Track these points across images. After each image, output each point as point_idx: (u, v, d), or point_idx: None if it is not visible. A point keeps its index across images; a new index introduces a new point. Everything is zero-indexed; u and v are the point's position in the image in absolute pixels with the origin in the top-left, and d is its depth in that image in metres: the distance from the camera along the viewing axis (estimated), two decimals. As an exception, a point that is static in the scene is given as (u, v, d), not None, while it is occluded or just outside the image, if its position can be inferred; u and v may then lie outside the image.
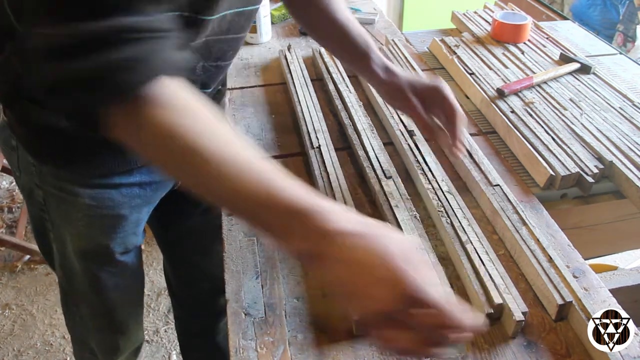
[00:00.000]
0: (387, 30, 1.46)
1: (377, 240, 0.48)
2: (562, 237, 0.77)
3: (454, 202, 0.80)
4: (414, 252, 0.49)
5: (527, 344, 0.63)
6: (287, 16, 1.53)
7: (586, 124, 0.99)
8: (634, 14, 2.54)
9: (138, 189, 0.81)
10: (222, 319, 1.22)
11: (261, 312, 0.67)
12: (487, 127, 1.04)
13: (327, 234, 0.47)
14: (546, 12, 1.76)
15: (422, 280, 0.47)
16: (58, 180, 0.77)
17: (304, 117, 1.00)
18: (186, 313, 1.24)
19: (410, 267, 0.47)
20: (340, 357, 0.62)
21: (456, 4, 1.72)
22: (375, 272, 0.47)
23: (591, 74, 1.18)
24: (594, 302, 0.66)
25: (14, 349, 1.71)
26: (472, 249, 0.72)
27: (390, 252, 0.47)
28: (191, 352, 1.30)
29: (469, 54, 1.26)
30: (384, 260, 0.47)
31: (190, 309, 1.22)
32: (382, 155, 0.90)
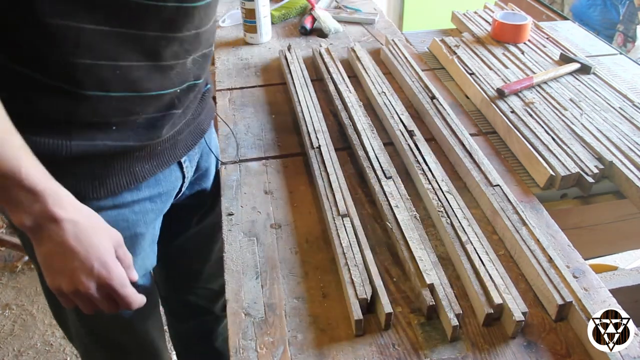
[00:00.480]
0: (387, 30, 1.46)
1: (86, 231, 0.61)
2: (562, 237, 0.77)
3: (454, 202, 0.80)
4: (112, 245, 0.64)
5: (527, 344, 0.63)
6: (288, 16, 1.53)
7: (586, 124, 0.99)
8: (634, 14, 2.54)
9: (149, 203, 0.79)
10: (221, 322, 1.21)
11: (261, 312, 0.67)
12: (487, 127, 1.04)
13: (55, 217, 0.58)
14: (546, 12, 1.76)
15: (109, 269, 0.62)
16: None
17: (304, 117, 1.00)
18: (183, 321, 1.22)
19: (104, 257, 0.62)
20: (340, 357, 0.62)
21: (456, 4, 1.72)
22: (76, 258, 0.60)
23: (591, 74, 1.18)
24: (594, 302, 0.66)
25: (14, 349, 1.71)
26: (472, 249, 0.72)
27: (91, 243, 0.61)
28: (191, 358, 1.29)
29: (469, 54, 1.26)
30: (86, 249, 0.61)
31: (188, 317, 1.19)
32: (382, 155, 0.90)
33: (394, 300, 0.68)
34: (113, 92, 0.65)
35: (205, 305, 1.16)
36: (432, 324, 0.66)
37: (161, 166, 0.78)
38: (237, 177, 0.91)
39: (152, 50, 0.65)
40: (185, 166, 0.85)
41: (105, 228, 0.65)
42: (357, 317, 0.63)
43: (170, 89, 0.71)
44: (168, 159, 0.79)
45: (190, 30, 0.67)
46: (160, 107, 0.71)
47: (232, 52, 1.34)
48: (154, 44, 0.65)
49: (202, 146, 0.91)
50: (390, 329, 0.65)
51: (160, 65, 0.67)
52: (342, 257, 0.71)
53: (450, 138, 0.94)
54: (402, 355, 0.62)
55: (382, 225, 0.80)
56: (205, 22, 0.71)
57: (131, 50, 0.63)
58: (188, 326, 1.20)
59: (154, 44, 0.65)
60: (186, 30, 0.67)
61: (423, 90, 1.09)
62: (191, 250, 1.04)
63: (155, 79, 0.68)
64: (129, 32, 0.62)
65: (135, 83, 0.66)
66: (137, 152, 0.73)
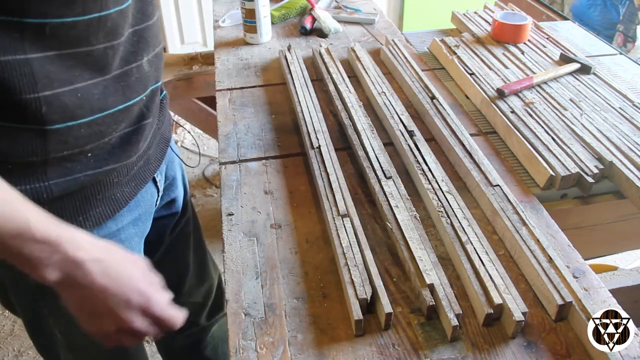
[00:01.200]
0: (387, 30, 1.46)
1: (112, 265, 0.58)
2: (562, 237, 0.77)
3: (454, 203, 0.80)
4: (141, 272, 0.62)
5: (527, 344, 0.63)
6: (288, 16, 1.53)
7: (586, 124, 0.99)
8: (634, 14, 2.54)
9: (132, 227, 0.78)
10: (209, 332, 1.19)
11: (261, 312, 0.67)
12: (487, 127, 1.04)
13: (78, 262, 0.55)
14: (546, 12, 1.76)
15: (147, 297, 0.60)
16: None
17: (304, 117, 1.00)
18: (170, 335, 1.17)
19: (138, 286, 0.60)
20: (340, 357, 0.62)
21: (456, 4, 1.73)
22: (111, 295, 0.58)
23: (591, 74, 1.18)
24: (594, 302, 0.66)
25: (14, 349, 1.71)
26: (472, 249, 0.72)
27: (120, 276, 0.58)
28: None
29: (469, 54, 1.26)
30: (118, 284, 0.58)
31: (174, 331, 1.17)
32: (382, 155, 0.90)
33: (394, 300, 0.68)
34: (80, 118, 0.62)
35: (190, 319, 1.14)
36: (432, 324, 0.66)
37: (139, 186, 0.77)
38: (237, 177, 0.91)
39: (102, 63, 0.63)
40: (159, 180, 0.85)
41: (128, 257, 0.62)
42: (357, 317, 0.63)
43: (135, 98, 0.69)
44: (144, 176, 0.78)
45: (127, 30, 0.65)
46: (131, 120, 0.70)
47: (232, 52, 1.34)
48: (103, 56, 0.63)
49: (167, 155, 0.90)
50: (390, 329, 0.65)
51: (116, 76, 0.65)
52: (342, 257, 0.71)
53: (450, 138, 0.94)
54: (402, 355, 0.62)
55: (382, 225, 0.80)
56: (143, 19, 0.68)
57: (84, 69, 0.61)
58: (176, 340, 1.18)
59: (103, 56, 0.63)
60: (125, 31, 0.65)
61: (423, 90, 1.09)
62: (168, 264, 1.01)
63: (117, 91, 0.66)
64: (78, 51, 0.59)
65: (99, 101, 0.64)
66: (115, 177, 0.71)
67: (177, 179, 0.97)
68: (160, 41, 0.75)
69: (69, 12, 0.56)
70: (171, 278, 1.05)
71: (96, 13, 0.58)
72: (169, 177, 0.93)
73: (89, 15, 0.58)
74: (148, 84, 0.72)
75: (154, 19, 0.72)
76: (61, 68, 0.59)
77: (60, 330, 0.81)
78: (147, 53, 0.70)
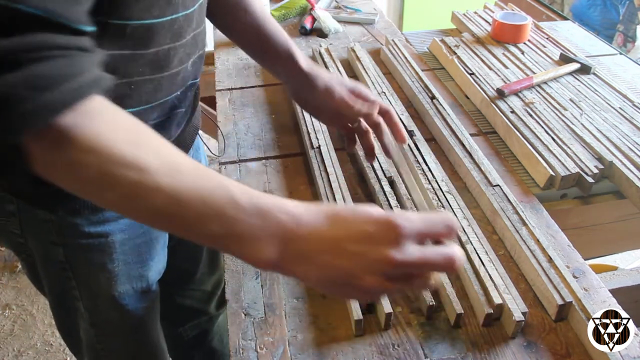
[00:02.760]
0: (387, 30, 1.46)
1: (340, 218, 0.48)
2: (562, 237, 0.77)
3: (454, 202, 0.80)
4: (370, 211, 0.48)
5: (527, 344, 0.63)
6: (287, 16, 1.53)
7: (586, 124, 0.99)
8: (634, 14, 2.54)
9: None
10: (216, 322, 1.20)
11: (261, 312, 0.67)
12: (487, 127, 1.04)
13: (295, 231, 0.47)
14: (546, 12, 1.76)
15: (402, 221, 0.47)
16: (87, 226, 0.71)
17: (304, 117, 1.00)
18: (178, 324, 1.20)
19: (377, 214, 0.48)
20: (340, 357, 0.62)
21: (456, 4, 1.72)
22: (351, 240, 0.47)
23: (591, 74, 1.18)
24: (594, 302, 0.66)
25: (14, 349, 1.71)
26: (472, 249, 0.72)
27: (346, 219, 0.48)
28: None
29: (469, 54, 1.26)
30: (349, 226, 0.47)
31: (182, 320, 1.18)
32: (382, 155, 0.90)
33: (394, 300, 0.68)
34: (127, 108, 0.63)
35: (199, 307, 1.15)
36: (432, 324, 0.66)
37: None
38: (237, 177, 0.91)
39: (163, 62, 0.65)
40: None
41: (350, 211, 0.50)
42: (357, 317, 0.63)
43: (174, 93, 0.71)
44: None
45: (190, 34, 0.68)
46: (164, 110, 0.72)
47: (232, 52, 1.34)
48: (166, 56, 0.65)
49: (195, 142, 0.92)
50: (390, 329, 0.65)
51: (169, 75, 0.68)
52: (342, 257, 0.70)
53: (450, 138, 0.94)
54: (402, 355, 0.62)
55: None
56: (200, 23, 0.71)
57: (144, 66, 0.63)
58: (183, 329, 1.19)
59: (166, 56, 0.65)
60: (187, 35, 0.67)
61: (423, 91, 1.09)
62: (182, 251, 1.03)
63: (165, 87, 0.68)
64: (148, 51, 0.62)
65: (148, 95, 0.66)
66: None
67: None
68: (205, 43, 0.77)
69: (147, 15, 0.58)
70: (184, 264, 1.08)
71: (168, 16, 0.61)
72: None
73: (163, 18, 0.60)
74: (187, 81, 0.74)
75: (205, 22, 0.75)
76: (128, 64, 0.61)
77: (85, 305, 0.82)
78: (194, 54, 0.72)
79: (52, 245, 0.74)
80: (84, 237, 0.73)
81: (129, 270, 0.79)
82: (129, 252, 0.77)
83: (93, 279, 0.78)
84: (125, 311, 0.82)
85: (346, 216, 0.48)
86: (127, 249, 0.77)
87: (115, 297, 0.80)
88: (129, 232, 0.76)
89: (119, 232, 0.74)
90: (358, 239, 0.47)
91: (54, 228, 0.72)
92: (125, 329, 0.86)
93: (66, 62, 0.42)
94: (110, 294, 0.79)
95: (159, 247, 0.82)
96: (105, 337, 0.87)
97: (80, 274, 0.78)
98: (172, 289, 1.11)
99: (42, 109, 0.40)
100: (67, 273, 0.77)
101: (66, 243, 0.74)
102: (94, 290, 0.80)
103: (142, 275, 0.81)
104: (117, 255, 0.76)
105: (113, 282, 0.78)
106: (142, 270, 0.81)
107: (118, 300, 0.80)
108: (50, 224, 0.71)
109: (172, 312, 1.16)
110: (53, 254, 0.75)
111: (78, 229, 0.72)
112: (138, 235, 0.77)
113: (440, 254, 0.49)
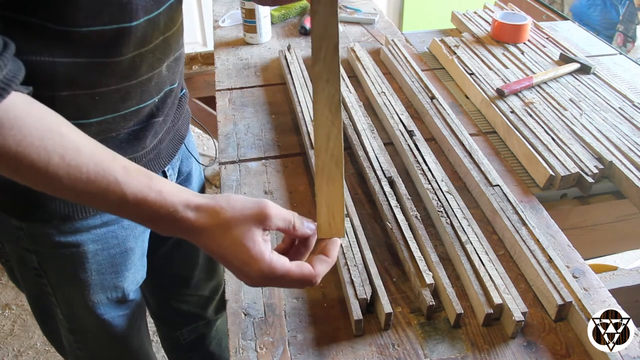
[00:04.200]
0: (387, 30, 1.46)
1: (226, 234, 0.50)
2: (562, 237, 0.77)
3: (454, 203, 0.80)
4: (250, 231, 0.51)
5: (527, 344, 0.63)
6: (287, 16, 1.53)
7: (586, 124, 0.99)
8: (634, 14, 2.54)
9: None
10: (214, 326, 1.20)
11: (261, 312, 0.67)
12: (487, 127, 1.04)
13: (193, 231, 0.50)
14: (546, 12, 1.76)
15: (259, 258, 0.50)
16: (57, 235, 0.71)
17: (303, 117, 1.00)
18: (176, 329, 1.19)
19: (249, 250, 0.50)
20: (340, 357, 0.62)
21: (456, 4, 1.73)
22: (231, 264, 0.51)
23: (591, 74, 1.18)
24: (594, 302, 0.66)
25: (14, 349, 1.71)
26: (472, 249, 0.72)
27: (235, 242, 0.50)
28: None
29: (469, 54, 1.26)
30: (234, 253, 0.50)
31: (180, 325, 1.17)
32: (382, 155, 0.90)
33: (394, 300, 0.68)
34: (93, 118, 0.62)
35: (197, 312, 1.14)
36: (432, 324, 0.66)
37: None
38: (237, 177, 0.91)
39: (129, 70, 0.63)
40: (169, 174, 0.85)
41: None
42: (357, 317, 0.63)
43: (148, 101, 0.69)
44: (153, 170, 0.76)
45: (158, 38, 0.64)
46: (141, 119, 0.70)
47: (232, 52, 1.34)
48: (131, 65, 0.62)
49: (182, 151, 0.90)
50: (390, 329, 0.65)
51: (138, 82, 0.65)
52: (342, 257, 0.71)
53: (450, 138, 0.94)
54: (402, 355, 0.62)
55: (382, 225, 0.80)
56: (172, 25, 0.67)
57: (109, 76, 0.61)
58: (181, 334, 1.18)
59: (131, 65, 0.62)
60: (155, 40, 0.64)
61: (423, 90, 1.09)
62: (178, 257, 1.02)
63: (135, 95, 0.66)
64: (106, 60, 0.59)
65: (116, 104, 0.64)
66: None
67: (193, 175, 0.97)
68: (182, 45, 0.74)
69: (95, 22, 0.55)
70: (180, 270, 1.08)
71: (125, 23, 0.57)
72: (183, 173, 0.93)
73: (118, 24, 0.56)
74: (163, 87, 0.71)
75: (178, 24, 0.71)
76: (88, 74, 0.58)
77: (62, 311, 0.82)
78: (168, 58, 0.69)
79: (26, 252, 0.73)
80: (55, 247, 0.72)
81: (102, 281, 0.78)
82: (102, 262, 0.76)
83: (66, 287, 0.77)
84: (101, 320, 0.81)
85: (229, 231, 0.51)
86: (101, 259, 0.76)
87: (90, 306, 0.79)
88: (102, 243, 0.74)
89: (91, 242, 0.73)
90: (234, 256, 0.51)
91: (25, 236, 0.71)
92: (103, 337, 0.85)
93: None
94: (84, 302, 0.78)
95: (135, 257, 0.81)
96: (84, 343, 0.86)
97: (54, 281, 0.77)
98: (168, 294, 1.10)
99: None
100: (42, 279, 0.77)
101: (38, 251, 0.73)
102: (69, 298, 0.79)
103: (117, 286, 0.80)
104: (89, 265, 0.75)
105: (86, 291, 0.77)
106: (117, 281, 0.80)
107: (93, 310, 0.80)
108: (22, 232, 0.71)
109: (169, 316, 1.16)
110: (28, 260, 0.74)
111: (49, 238, 0.71)
112: (112, 246, 0.76)
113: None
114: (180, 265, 1.05)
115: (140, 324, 0.93)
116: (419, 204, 0.84)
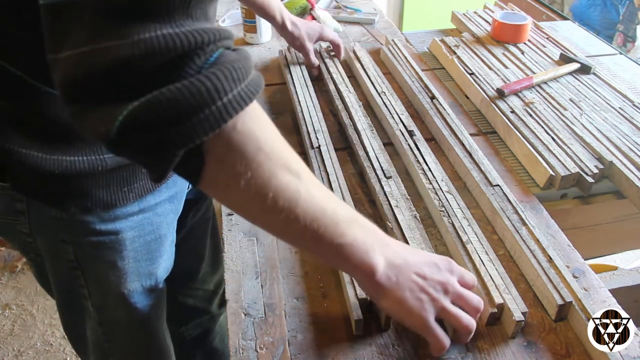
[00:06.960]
0: (387, 30, 1.46)
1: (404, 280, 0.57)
2: (562, 237, 0.77)
3: (454, 202, 0.80)
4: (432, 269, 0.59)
5: (527, 344, 0.63)
6: (287, 16, 1.53)
7: (586, 124, 0.99)
8: (634, 14, 2.54)
9: (168, 203, 0.79)
10: (217, 321, 1.21)
11: (261, 312, 0.67)
12: (487, 127, 1.04)
13: (379, 287, 0.57)
14: (546, 12, 1.76)
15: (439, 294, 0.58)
16: (98, 224, 0.72)
17: (304, 117, 1.00)
18: (181, 324, 1.20)
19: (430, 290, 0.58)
20: (340, 357, 0.62)
21: (456, 4, 1.72)
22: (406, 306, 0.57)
23: (591, 74, 1.18)
24: (594, 302, 0.66)
25: (14, 349, 1.71)
26: (472, 249, 0.72)
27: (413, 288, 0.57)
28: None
29: (469, 54, 1.26)
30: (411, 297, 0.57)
31: (185, 319, 1.18)
32: (382, 155, 0.90)
33: (394, 300, 0.68)
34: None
35: (202, 306, 1.15)
36: (432, 324, 0.65)
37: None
38: (237, 177, 0.90)
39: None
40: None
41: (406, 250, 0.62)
42: (357, 317, 0.63)
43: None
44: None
45: None
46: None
47: (232, 52, 1.34)
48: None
49: None
50: (390, 329, 0.65)
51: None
52: (342, 257, 0.70)
53: (450, 138, 0.94)
54: (402, 355, 0.62)
55: (382, 225, 0.80)
56: None
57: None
58: (185, 328, 1.19)
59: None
60: None
61: (423, 90, 1.09)
62: (186, 249, 1.03)
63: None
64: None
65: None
66: None
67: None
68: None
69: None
70: (188, 263, 1.08)
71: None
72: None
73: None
74: None
75: None
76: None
77: (93, 303, 0.82)
78: None
79: (62, 244, 0.74)
80: (94, 235, 0.73)
81: (138, 268, 0.79)
82: (139, 249, 0.77)
83: (102, 276, 0.78)
84: (134, 309, 0.82)
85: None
86: (138, 247, 0.77)
87: (125, 294, 0.80)
88: (139, 230, 0.76)
89: (129, 229, 0.75)
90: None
91: (64, 226, 0.72)
92: (132, 327, 0.86)
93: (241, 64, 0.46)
94: (119, 291, 0.79)
95: (167, 244, 0.82)
96: (112, 336, 0.87)
97: (89, 272, 0.78)
98: (175, 288, 1.11)
99: (225, 110, 0.44)
100: (76, 272, 0.78)
101: (76, 241, 0.74)
102: (103, 288, 0.80)
103: (152, 273, 0.82)
104: (127, 252, 0.76)
105: (122, 279, 0.78)
106: (152, 268, 0.81)
107: (127, 298, 0.81)
108: (61, 222, 0.72)
109: (174, 311, 1.16)
110: (62, 253, 0.75)
111: (89, 227, 0.72)
112: (147, 232, 0.77)
113: (474, 300, 0.61)
114: (188, 258, 1.06)
115: (164, 315, 0.94)
116: (419, 204, 0.83)
